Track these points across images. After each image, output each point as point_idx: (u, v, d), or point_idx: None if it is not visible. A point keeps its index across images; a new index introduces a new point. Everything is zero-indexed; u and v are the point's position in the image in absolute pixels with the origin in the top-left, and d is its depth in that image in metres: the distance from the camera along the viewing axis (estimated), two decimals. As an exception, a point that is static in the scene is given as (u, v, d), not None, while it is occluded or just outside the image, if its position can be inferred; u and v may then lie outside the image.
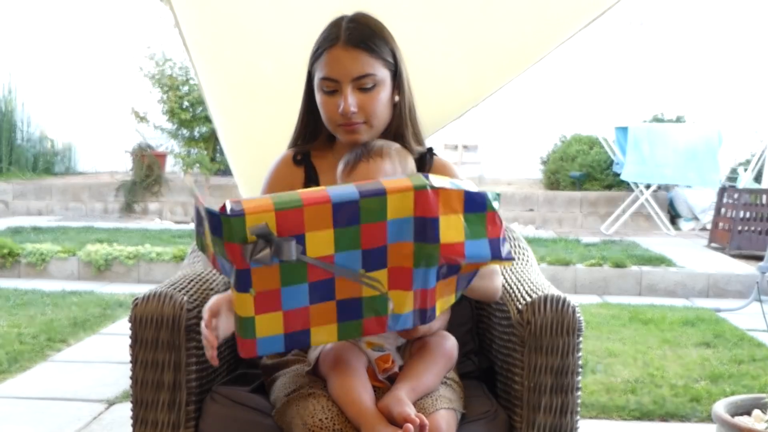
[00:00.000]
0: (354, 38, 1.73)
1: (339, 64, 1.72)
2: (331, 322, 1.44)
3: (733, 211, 6.93)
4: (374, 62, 1.74)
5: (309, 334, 1.44)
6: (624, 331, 4.44)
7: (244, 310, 1.39)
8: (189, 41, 2.34)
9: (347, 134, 1.77)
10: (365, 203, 1.37)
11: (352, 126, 1.75)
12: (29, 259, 5.94)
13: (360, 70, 1.72)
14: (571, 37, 2.32)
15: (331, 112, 1.76)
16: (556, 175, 9.36)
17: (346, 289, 1.42)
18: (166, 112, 8.65)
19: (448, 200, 1.41)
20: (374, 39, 1.75)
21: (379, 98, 1.76)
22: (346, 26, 1.74)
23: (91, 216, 8.95)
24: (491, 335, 1.93)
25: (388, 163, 1.69)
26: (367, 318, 1.45)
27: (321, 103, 1.78)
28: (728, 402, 2.52)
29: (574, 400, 1.65)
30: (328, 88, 1.75)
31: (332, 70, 1.73)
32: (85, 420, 3.10)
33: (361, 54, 1.72)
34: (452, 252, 1.42)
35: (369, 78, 1.73)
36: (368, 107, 1.75)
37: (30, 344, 4.00)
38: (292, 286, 1.38)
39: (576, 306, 1.66)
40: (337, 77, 1.73)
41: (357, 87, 1.73)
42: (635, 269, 5.82)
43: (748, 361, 3.88)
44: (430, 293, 1.45)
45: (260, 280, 1.36)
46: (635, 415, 3.21)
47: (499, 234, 1.45)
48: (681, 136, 7.99)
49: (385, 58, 1.76)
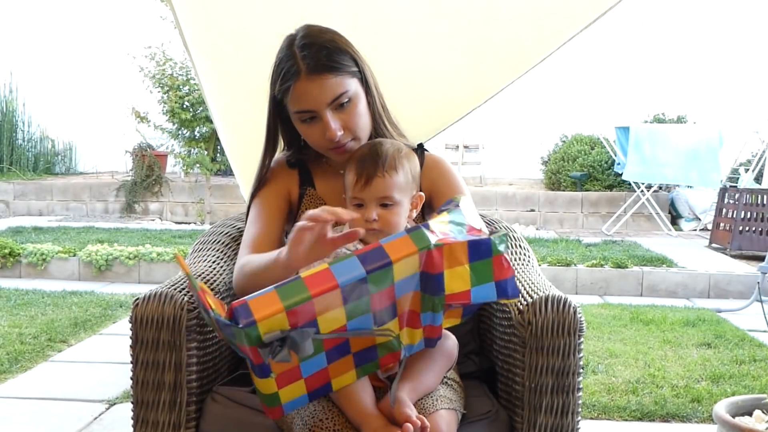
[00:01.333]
0: (314, 65, 1.67)
1: (309, 96, 1.69)
2: (349, 370, 1.47)
3: (734, 211, 6.93)
4: (341, 79, 1.69)
5: (330, 385, 1.48)
6: (625, 331, 4.44)
7: (266, 388, 1.42)
8: (189, 41, 2.33)
9: (339, 155, 1.77)
10: (372, 278, 1.36)
11: (342, 147, 1.75)
12: (30, 259, 5.94)
13: (332, 94, 1.69)
14: (572, 38, 2.32)
15: (317, 139, 1.75)
16: (557, 176, 9.36)
17: (361, 342, 1.44)
18: (167, 112, 8.65)
19: (453, 254, 1.41)
20: (333, 56, 1.69)
21: (358, 111, 1.74)
22: (301, 54, 1.68)
23: (91, 216, 8.96)
24: (492, 335, 1.93)
25: (401, 174, 1.68)
26: (382, 356, 1.48)
27: (304, 133, 1.76)
28: (729, 402, 2.51)
29: (575, 400, 1.65)
30: (305, 118, 1.73)
31: (305, 102, 1.70)
32: (85, 420, 3.10)
33: (326, 78, 1.68)
34: (458, 299, 1.44)
35: (343, 95, 1.70)
36: (351, 123, 1.73)
37: (31, 344, 4.00)
38: (309, 360, 1.41)
39: (577, 306, 1.66)
40: (311, 108, 1.70)
41: (335, 108, 1.71)
42: (636, 270, 5.82)
43: (749, 361, 3.88)
44: (438, 327, 1.49)
45: (279, 365, 1.38)
46: (636, 416, 3.21)
47: (507, 275, 1.45)
48: (682, 137, 8.00)
49: (350, 70, 1.72)
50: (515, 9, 2.29)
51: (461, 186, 1.89)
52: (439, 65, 2.34)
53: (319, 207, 1.49)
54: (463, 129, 9.63)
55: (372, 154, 1.69)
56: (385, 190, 1.65)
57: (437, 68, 2.34)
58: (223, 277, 1.94)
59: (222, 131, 2.66)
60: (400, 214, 1.68)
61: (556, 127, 9.82)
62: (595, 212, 8.78)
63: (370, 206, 1.66)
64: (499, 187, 9.59)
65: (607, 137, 8.61)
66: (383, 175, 1.66)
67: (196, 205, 8.91)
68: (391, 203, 1.67)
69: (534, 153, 10.10)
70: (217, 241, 2.15)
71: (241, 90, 2.50)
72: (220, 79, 2.48)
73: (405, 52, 1.87)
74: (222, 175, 9.29)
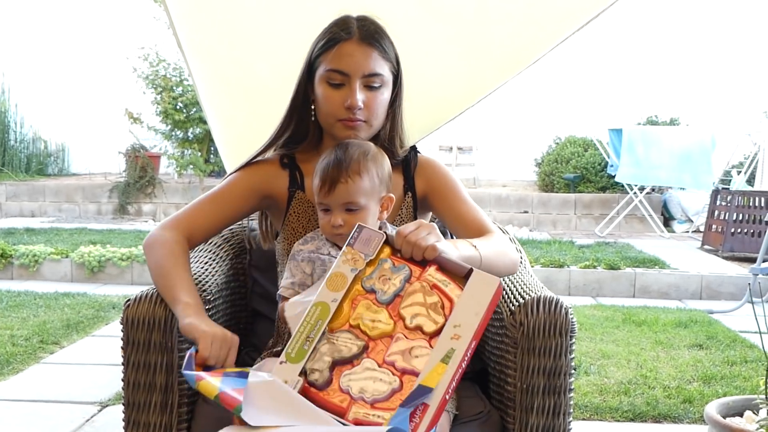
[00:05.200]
0: (368, 35, 1.74)
1: (352, 59, 1.73)
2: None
3: (726, 213, 6.95)
4: (384, 63, 1.76)
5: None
6: (617, 332, 4.45)
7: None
8: (184, 42, 2.33)
9: (346, 129, 1.76)
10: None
11: (354, 122, 1.75)
12: (22, 260, 5.93)
13: (371, 68, 1.73)
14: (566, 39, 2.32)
15: (334, 105, 1.75)
16: (550, 177, 9.38)
17: None
18: (160, 113, 8.64)
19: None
20: (385, 40, 1.77)
21: (383, 99, 1.77)
22: (358, 23, 1.75)
23: (84, 217, 8.94)
24: (484, 336, 1.93)
25: (366, 179, 1.68)
26: None
27: (324, 95, 1.76)
28: (720, 403, 2.52)
29: (567, 401, 1.65)
30: (335, 81, 1.74)
31: (344, 63, 1.73)
32: (77, 422, 3.09)
33: (373, 52, 1.74)
34: None
35: (378, 77, 1.74)
36: (372, 106, 1.75)
37: (22, 346, 3.98)
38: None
39: (569, 307, 1.66)
40: (348, 71, 1.73)
41: (365, 84, 1.74)
42: (629, 271, 5.83)
43: (741, 362, 3.89)
44: None
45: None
46: (628, 417, 3.22)
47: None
48: (675, 139, 8.02)
49: (392, 60, 1.78)
50: (509, 10, 2.29)
51: (454, 180, 1.90)
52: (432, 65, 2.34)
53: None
54: (457, 130, 9.64)
55: (336, 159, 1.68)
56: (349, 195, 1.66)
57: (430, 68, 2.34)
58: (216, 279, 1.94)
59: (216, 132, 2.66)
60: (366, 219, 1.68)
61: (550, 129, 9.84)
62: (588, 214, 8.80)
63: (336, 211, 1.68)
64: (492, 189, 9.60)
65: (601, 139, 8.63)
66: (346, 181, 1.66)
67: (190, 207, 8.89)
68: (356, 208, 1.67)
69: (527, 155, 10.12)
70: (209, 242, 2.15)
71: (236, 90, 2.50)
72: (214, 79, 2.48)
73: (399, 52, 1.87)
74: (215, 176, 9.28)
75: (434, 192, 1.88)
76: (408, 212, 1.87)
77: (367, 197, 1.68)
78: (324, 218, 1.70)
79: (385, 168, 1.73)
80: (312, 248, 1.73)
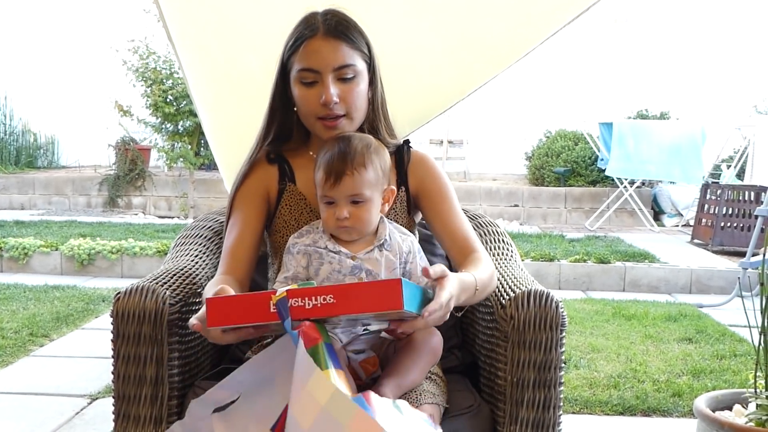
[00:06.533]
0: (333, 29, 1.72)
1: (319, 55, 1.71)
2: None
3: (715, 207, 6.98)
4: (353, 53, 1.73)
5: None
6: (607, 326, 4.46)
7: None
8: (174, 35, 2.32)
9: (327, 130, 1.74)
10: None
11: (334, 121, 1.73)
12: (11, 253, 5.90)
13: (341, 60, 1.71)
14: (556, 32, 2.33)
15: (311, 104, 1.73)
16: (540, 171, 9.39)
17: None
18: (150, 105, 8.60)
19: None
20: (352, 30, 1.74)
21: (359, 89, 1.75)
22: (323, 18, 1.73)
23: (74, 210, 8.90)
24: (474, 330, 1.94)
25: (371, 170, 1.67)
26: None
27: (299, 96, 1.75)
28: (709, 397, 2.53)
29: (557, 394, 1.66)
30: (307, 80, 1.72)
31: (312, 60, 1.71)
32: (67, 415, 3.09)
33: (341, 44, 1.71)
34: None
35: (350, 68, 1.72)
36: (349, 98, 1.73)
37: (12, 339, 3.97)
38: None
39: (559, 301, 1.66)
40: (317, 67, 1.71)
41: (337, 77, 1.72)
42: (619, 265, 5.85)
43: (730, 356, 3.91)
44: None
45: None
46: (618, 410, 3.23)
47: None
48: (665, 133, 8.04)
49: (363, 50, 1.75)
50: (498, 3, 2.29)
51: (447, 184, 1.88)
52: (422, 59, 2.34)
53: (299, 202, 1.48)
54: (448, 124, 9.65)
55: (341, 152, 1.67)
56: (355, 188, 1.65)
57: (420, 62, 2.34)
58: (206, 271, 1.93)
59: (206, 125, 2.65)
60: (371, 211, 1.68)
61: (540, 122, 9.85)
62: (579, 208, 8.82)
63: (341, 204, 1.65)
64: (483, 183, 9.60)
65: (591, 133, 8.64)
66: (352, 173, 1.64)
67: (180, 200, 8.88)
68: (361, 200, 1.66)
69: (518, 148, 10.12)
70: (199, 235, 2.14)
71: (226, 83, 2.49)
72: (204, 72, 2.47)
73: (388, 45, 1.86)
74: (206, 169, 9.25)
75: (426, 195, 1.86)
76: (402, 207, 1.86)
77: (372, 189, 1.67)
78: (327, 211, 1.68)
79: (386, 160, 1.73)
80: (308, 241, 1.72)
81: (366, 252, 1.69)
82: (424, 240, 2.06)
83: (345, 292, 1.37)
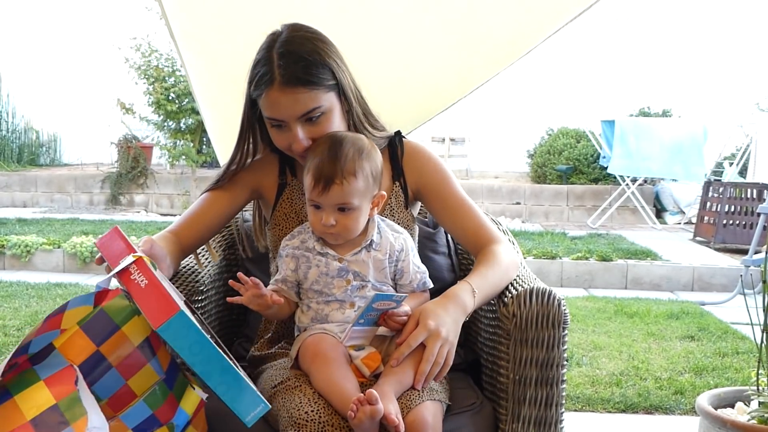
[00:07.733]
0: (289, 76, 1.63)
1: (280, 106, 1.65)
2: None
3: (718, 205, 6.97)
4: (316, 94, 1.65)
5: None
6: (609, 324, 4.46)
7: None
8: (176, 32, 2.32)
9: (304, 159, 1.72)
10: None
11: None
12: (14, 251, 5.91)
13: (303, 109, 1.65)
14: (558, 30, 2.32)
15: (282, 144, 1.72)
16: (542, 169, 9.38)
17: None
18: (152, 103, 8.61)
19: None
20: (310, 69, 1.64)
21: (330, 123, 1.69)
22: (278, 63, 1.64)
23: (76, 208, 8.91)
24: (477, 327, 1.94)
25: (361, 179, 1.64)
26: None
27: (272, 135, 1.73)
28: (712, 394, 2.53)
29: (559, 392, 1.66)
30: (275, 124, 1.69)
31: (275, 111, 1.66)
32: (70, 412, 3.09)
33: (300, 92, 1.63)
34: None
35: (315, 111, 1.66)
36: (321, 134, 1.69)
37: (14, 336, 3.97)
38: None
39: (561, 299, 1.66)
40: (281, 118, 1.67)
41: (304, 120, 1.67)
42: (621, 263, 5.85)
43: (732, 354, 3.91)
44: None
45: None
46: (620, 408, 3.23)
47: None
48: (667, 131, 8.03)
49: (326, 84, 1.66)
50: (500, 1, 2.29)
51: (447, 175, 1.87)
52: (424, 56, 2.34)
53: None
54: (450, 122, 9.64)
55: (330, 157, 1.63)
56: (344, 197, 1.63)
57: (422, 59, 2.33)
58: (208, 270, 1.93)
59: (209, 122, 2.65)
60: (359, 219, 1.67)
61: (543, 120, 9.84)
62: (581, 205, 8.82)
63: (328, 211, 1.64)
64: (485, 180, 9.61)
65: (593, 131, 8.64)
66: (341, 182, 1.62)
67: (182, 197, 8.88)
68: (350, 208, 1.65)
69: (520, 146, 10.12)
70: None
71: (229, 81, 2.48)
72: (207, 69, 2.47)
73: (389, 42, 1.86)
74: (208, 167, 9.26)
75: (427, 190, 1.85)
76: (398, 202, 1.85)
77: (361, 198, 1.65)
78: (315, 215, 1.67)
79: (378, 164, 1.70)
80: (297, 243, 1.72)
81: (353, 254, 1.69)
82: (425, 238, 2.07)
83: (151, 288, 1.38)
